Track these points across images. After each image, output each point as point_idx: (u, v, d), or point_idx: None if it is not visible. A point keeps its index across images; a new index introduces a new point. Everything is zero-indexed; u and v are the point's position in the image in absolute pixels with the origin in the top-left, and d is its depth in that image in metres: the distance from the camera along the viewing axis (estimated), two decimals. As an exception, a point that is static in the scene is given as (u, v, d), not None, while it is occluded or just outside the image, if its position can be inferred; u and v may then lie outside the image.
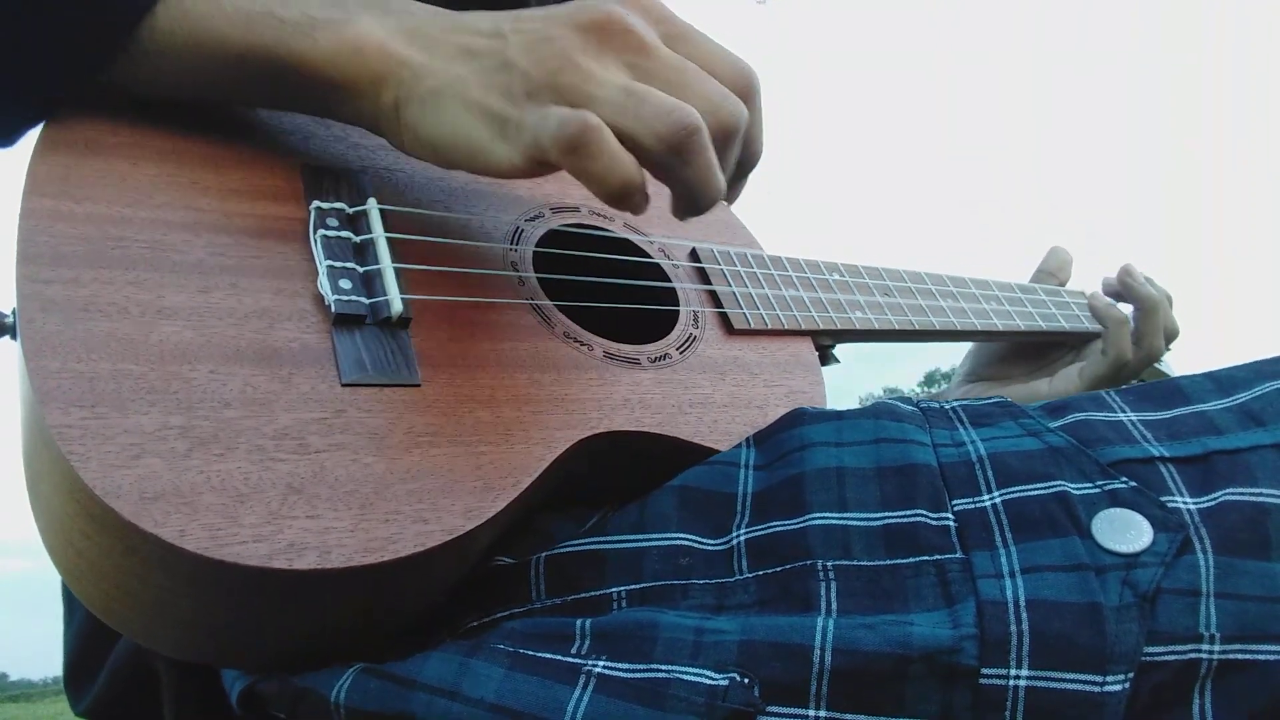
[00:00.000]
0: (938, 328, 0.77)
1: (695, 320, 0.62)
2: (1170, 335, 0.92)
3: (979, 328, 0.81)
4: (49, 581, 0.44)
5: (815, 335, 0.68)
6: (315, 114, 0.55)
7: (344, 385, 0.45)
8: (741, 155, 0.52)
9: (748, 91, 0.51)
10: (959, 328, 0.79)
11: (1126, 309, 0.92)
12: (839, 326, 0.69)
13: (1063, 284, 0.96)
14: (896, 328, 0.74)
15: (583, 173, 0.46)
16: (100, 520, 0.38)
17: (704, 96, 0.48)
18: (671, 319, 0.61)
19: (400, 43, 0.49)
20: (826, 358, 0.70)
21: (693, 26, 0.51)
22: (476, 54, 0.48)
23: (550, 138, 0.45)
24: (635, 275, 0.63)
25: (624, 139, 0.46)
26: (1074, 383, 0.89)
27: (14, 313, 0.41)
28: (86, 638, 0.62)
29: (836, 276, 0.74)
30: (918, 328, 0.75)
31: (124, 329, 0.42)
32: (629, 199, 0.47)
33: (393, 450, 0.43)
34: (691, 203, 0.50)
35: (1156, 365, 0.94)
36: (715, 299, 0.64)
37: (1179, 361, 0.98)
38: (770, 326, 0.65)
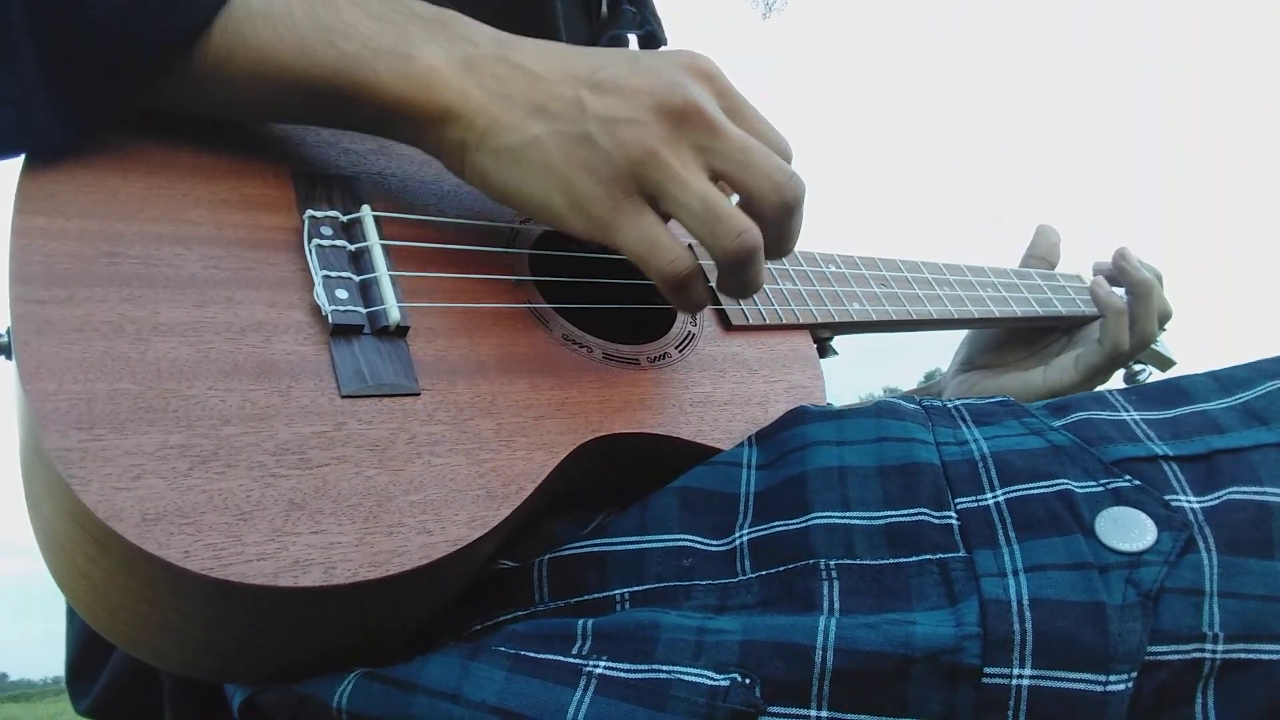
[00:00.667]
0: (935, 317, 0.77)
1: (693, 318, 0.62)
2: (1164, 317, 0.92)
3: (976, 315, 0.81)
4: (49, 581, 0.44)
5: (813, 328, 0.68)
6: (371, 133, 0.54)
7: (343, 396, 0.44)
8: None
9: (789, 162, 0.53)
10: (956, 316, 0.79)
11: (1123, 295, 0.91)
12: (836, 319, 0.69)
13: (1053, 266, 0.96)
14: (894, 318, 0.73)
15: (672, 297, 0.52)
16: (103, 543, 0.37)
17: (768, 176, 0.50)
18: (669, 317, 0.61)
19: (470, 82, 0.49)
20: (825, 350, 0.69)
21: (746, 100, 0.53)
22: (554, 115, 0.49)
23: (658, 269, 0.50)
24: (632, 275, 0.63)
25: (699, 236, 0.50)
26: (1069, 372, 0.89)
27: (9, 333, 0.41)
28: (88, 638, 0.62)
29: (833, 269, 0.73)
30: (915, 318, 0.75)
31: (120, 348, 0.42)
32: (695, 313, 0.55)
33: (395, 461, 0.43)
34: (732, 293, 0.54)
35: (1154, 347, 0.94)
36: (713, 296, 0.64)
37: (1178, 361, 0.98)
38: (768, 321, 0.64)
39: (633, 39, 0.85)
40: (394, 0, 0.50)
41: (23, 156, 0.46)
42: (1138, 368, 0.96)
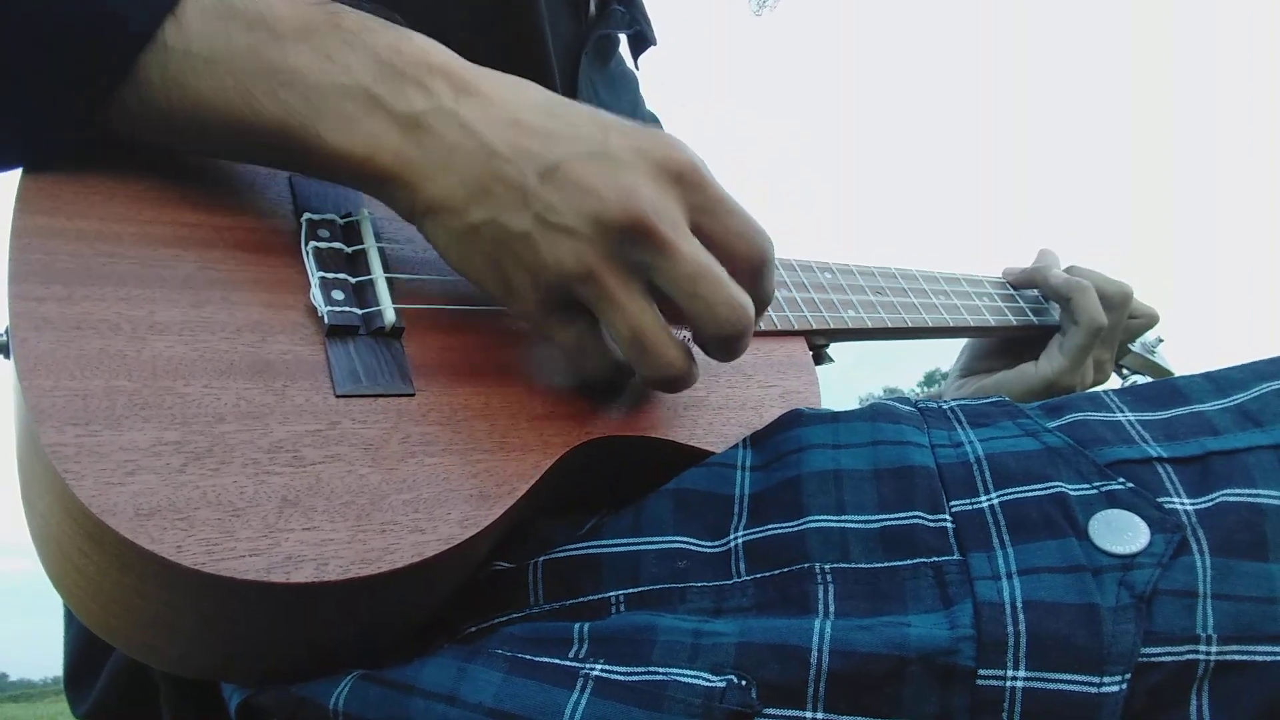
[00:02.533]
0: (930, 324, 0.77)
1: None
2: (1146, 318, 0.92)
3: (971, 323, 0.81)
4: (49, 581, 0.44)
5: (809, 335, 0.68)
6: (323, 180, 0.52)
7: (338, 396, 0.45)
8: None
9: (760, 267, 0.50)
10: (951, 324, 0.79)
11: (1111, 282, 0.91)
12: (832, 326, 0.69)
13: None
14: (889, 325, 0.74)
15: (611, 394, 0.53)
16: (97, 538, 0.38)
17: (711, 309, 0.47)
18: None
19: (412, 148, 0.46)
20: (821, 357, 0.70)
21: (723, 196, 0.49)
22: (496, 201, 0.46)
23: (585, 377, 0.51)
24: None
25: (629, 358, 0.49)
26: (1057, 359, 0.89)
27: (7, 331, 0.41)
28: (87, 641, 0.62)
29: (828, 276, 0.74)
30: (910, 325, 0.75)
31: (116, 345, 0.42)
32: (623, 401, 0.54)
33: (388, 460, 0.43)
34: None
35: (1151, 358, 0.94)
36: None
37: (1177, 361, 0.98)
38: (763, 327, 0.65)
39: (622, 38, 0.85)
40: (347, 32, 0.46)
41: None
42: (1135, 379, 0.96)
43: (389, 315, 0.48)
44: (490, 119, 0.46)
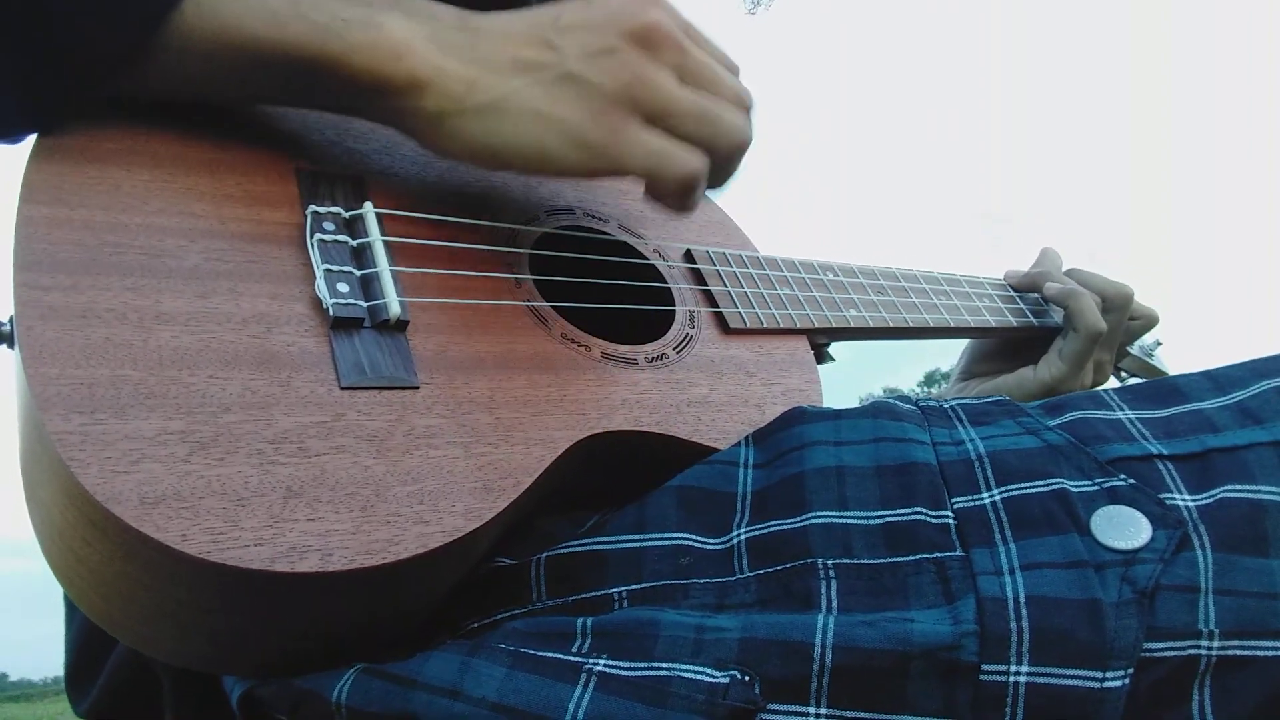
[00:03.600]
0: (931, 325, 0.77)
1: (691, 320, 0.62)
2: (1146, 319, 0.93)
3: (972, 324, 0.82)
4: (49, 581, 0.44)
5: (810, 334, 0.68)
6: (341, 113, 0.55)
7: (343, 388, 0.45)
8: None
9: (739, 78, 0.57)
10: (952, 324, 0.79)
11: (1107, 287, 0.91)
12: (834, 325, 0.69)
13: None
14: (890, 325, 0.74)
15: (678, 203, 0.54)
16: (101, 526, 0.38)
17: (734, 94, 0.54)
18: (668, 319, 0.61)
19: (438, 52, 0.50)
20: (822, 356, 0.70)
21: (691, 22, 0.55)
22: (532, 66, 0.50)
23: (673, 175, 0.52)
24: (631, 276, 0.64)
25: (701, 144, 0.53)
26: (1056, 364, 0.89)
27: (12, 320, 0.41)
28: (88, 639, 0.62)
29: (830, 276, 0.74)
30: (911, 325, 0.76)
31: (122, 335, 0.42)
32: (692, 210, 0.55)
33: (393, 452, 0.43)
34: (720, 185, 0.57)
35: (1149, 361, 0.95)
36: (711, 299, 0.64)
37: (1175, 360, 0.99)
38: (766, 326, 0.65)
39: None
40: None
41: (31, 147, 0.47)
42: (1133, 381, 0.97)
43: (394, 308, 0.48)
44: (494, 20, 0.52)
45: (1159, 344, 1.03)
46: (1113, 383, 0.93)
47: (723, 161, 0.54)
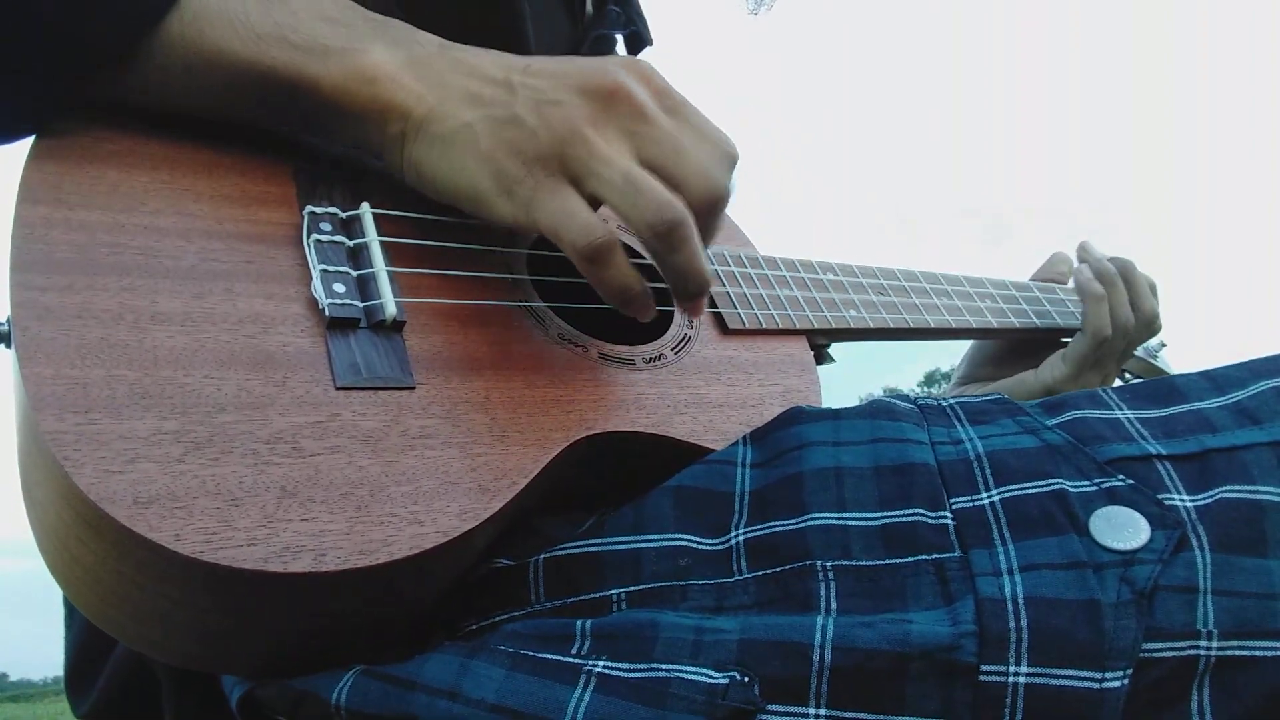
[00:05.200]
0: (932, 326, 0.77)
1: (690, 321, 0.62)
2: (1143, 312, 0.92)
3: (973, 325, 0.81)
4: (49, 581, 0.44)
5: (810, 335, 0.68)
6: (318, 136, 0.55)
7: (338, 389, 0.45)
8: None
9: (731, 163, 0.53)
10: (953, 325, 0.79)
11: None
12: (833, 326, 0.69)
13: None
14: (891, 326, 0.74)
15: (592, 277, 0.51)
16: (95, 526, 0.38)
17: (698, 165, 0.50)
18: (666, 320, 0.61)
19: (410, 77, 0.50)
20: (822, 357, 0.70)
21: (685, 100, 0.53)
22: (485, 102, 0.50)
23: (570, 241, 0.49)
24: None
25: (621, 214, 0.50)
26: (1059, 367, 0.89)
27: (8, 320, 0.41)
28: (87, 641, 0.62)
29: (830, 276, 0.74)
30: (912, 326, 0.75)
31: (118, 335, 0.42)
32: (632, 305, 0.52)
33: (388, 453, 0.43)
34: (681, 289, 0.53)
35: (1153, 363, 0.94)
36: (710, 299, 0.64)
37: (1175, 360, 0.98)
38: (765, 326, 0.65)
39: (619, 39, 0.85)
40: (345, 4, 0.52)
41: (30, 147, 0.47)
42: (1136, 382, 0.96)
43: (390, 308, 0.48)
44: (476, 53, 0.52)
45: (1164, 345, 1.03)
46: (1114, 383, 0.93)
47: (650, 239, 0.50)
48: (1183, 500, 0.42)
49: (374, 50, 0.50)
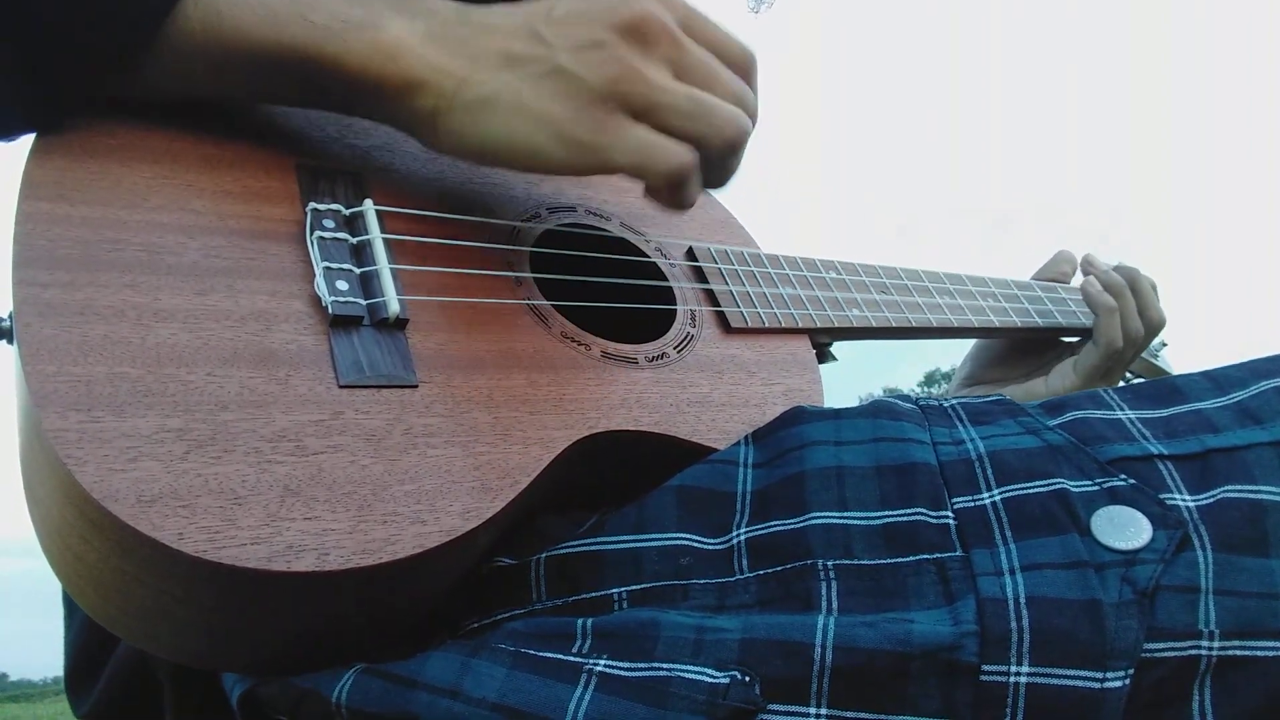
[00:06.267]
0: (935, 325, 0.77)
1: (692, 319, 0.62)
2: (1153, 323, 0.92)
3: (975, 325, 0.81)
4: (49, 581, 0.44)
5: (812, 333, 0.68)
6: (341, 112, 0.55)
7: (341, 386, 0.45)
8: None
9: (752, 68, 0.55)
10: (956, 325, 0.79)
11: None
12: (836, 324, 0.69)
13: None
14: (893, 325, 0.74)
15: (671, 199, 0.52)
16: (98, 524, 0.38)
17: (731, 91, 0.52)
18: (669, 318, 0.61)
19: (435, 49, 0.50)
20: (824, 356, 0.69)
21: (696, 10, 0.54)
22: (521, 60, 0.50)
23: (663, 169, 0.50)
24: (632, 275, 0.63)
25: (691, 139, 0.51)
26: (1069, 377, 0.89)
27: (11, 316, 0.41)
28: (87, 641, 0.62)
29: (833, 275, 0.73)
30: (915, 325, 0.75)
31: (120, 332, 0.42)
32: (687, 207, 0.54)
33: (390, 451, 0.43)
34: (720, 184, 0.55)
35: (1154, 362, 0.94)
36: (712, 298, 0.64)
37: (1175, 360, 0.98)
38: (767, 325, 0.65)
39: None
40: None
41: (32, 143, 0.47)
42: (1137, 382, 0.96)
43: (393, 306, 0.48)
44: (492, 12, 0.52)
45: (1164, 345, 1.03)
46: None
47: (716, 157, 0.52)
48: (1184, 500, 0.42)
49: (393, 24, 0.49)
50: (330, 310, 0.46)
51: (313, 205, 0.51)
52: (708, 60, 0.52)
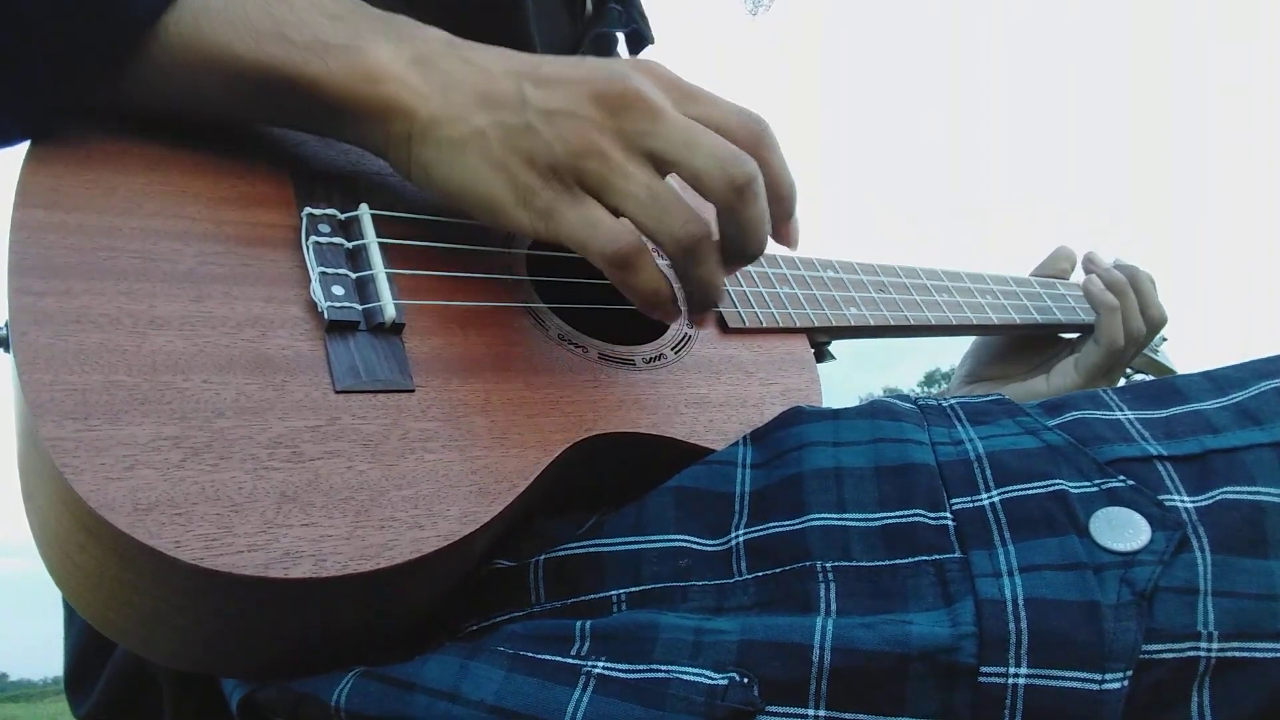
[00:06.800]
0: (933, 323, 0.77)
1: (690, 319, 0.62)
2: (1155, 321, 0.92)
3: (974, 322, 0.81)
4: (49, 582, 0.44)
5: (810, 333, 0.68)
6: (320, 134, 0.54)
7: (338, 392, 0.45)
8: (773, 196, 0.52)
9: (759, 140, 0.51)
10: (954, 322, 0.79)
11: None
12: (834, 324, 0.69)
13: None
14: (892, 324, 0.73)
15: (622, 284, 0.50)
16: (95, 532, 0.38)
17: (714, 155, 0.49)
18: None
19: (415, 76, 0.49)
20: (822, 355, 0.69)
21: (700, 88, 0.52)
22: (497, 105, 0.49)
23: (598, 249, 0.49)
24: None
25: (643, 230, 0.49)
26: (1071, 376, 0.89)
27: (7, 325, 0.41)
28: (87, 643, 0.62)
29: (831, 274, 0.73)
30: (913, 323, 0.75)
31: (116, 340, 0.42)
32: (660, 309, 0.52)
33: (387, 456, 0.43)
34: (698, 300, 0.54)
35: (1155, 358, 0.94)
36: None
37: (1179, 361, 0.98)
38: (765, 325, 0.65)
39: (620, 37, 0.85)
40: (347, 0, 0.51)
41: (26, 151, 0.47)
42: (1138, 379, 0.96)
43: (389, 311, 0.48)
44: (482, 52, 0.51)
45: (1165, 340, 1.03)
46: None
47: (672, 256, 0.50)
48: (1183, 501, 0.42)
49: (377, 48, 0.49)
50: (326, 316, 0.46)
51: (308, 210, 0.51)
52: (689, 129, 0.49)
